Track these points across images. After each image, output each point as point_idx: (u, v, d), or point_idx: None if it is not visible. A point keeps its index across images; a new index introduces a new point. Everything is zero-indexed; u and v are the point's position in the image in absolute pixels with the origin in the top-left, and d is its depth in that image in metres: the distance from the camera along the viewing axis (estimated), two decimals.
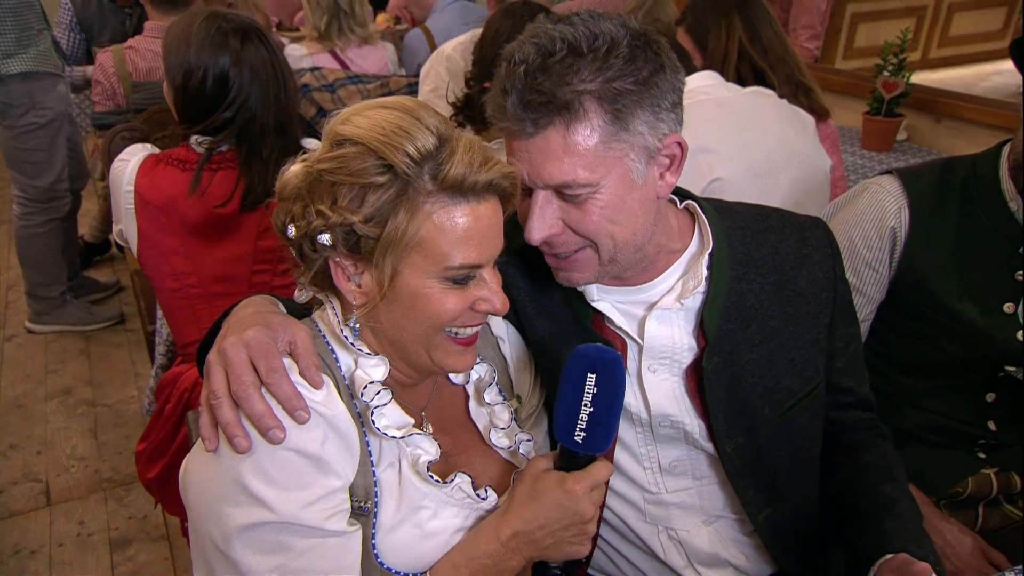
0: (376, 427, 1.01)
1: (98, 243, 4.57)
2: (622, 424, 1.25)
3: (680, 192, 1.28)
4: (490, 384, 1.19)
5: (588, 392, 0.99)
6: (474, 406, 1.19)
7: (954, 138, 3.17)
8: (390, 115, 0.97)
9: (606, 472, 1.04)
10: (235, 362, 0.94)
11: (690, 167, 1.15)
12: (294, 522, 0.93)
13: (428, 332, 1.02)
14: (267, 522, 0.92)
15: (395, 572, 1.03)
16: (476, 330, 1.06)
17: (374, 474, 1.03)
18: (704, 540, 1.30)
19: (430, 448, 1.07)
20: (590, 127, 1.05)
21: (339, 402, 0.98)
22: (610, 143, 1.06)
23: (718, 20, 2.30)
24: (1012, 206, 1.48)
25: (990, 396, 1.56)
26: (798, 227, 1.30)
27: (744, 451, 1.24)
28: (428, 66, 2.94)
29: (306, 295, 1.08)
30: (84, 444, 3.15)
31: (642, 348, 1.22)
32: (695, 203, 1.26)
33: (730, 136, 1.96)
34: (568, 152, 1.05)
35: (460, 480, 1.07)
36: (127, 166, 1.83)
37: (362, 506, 1.01)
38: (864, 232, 1.58)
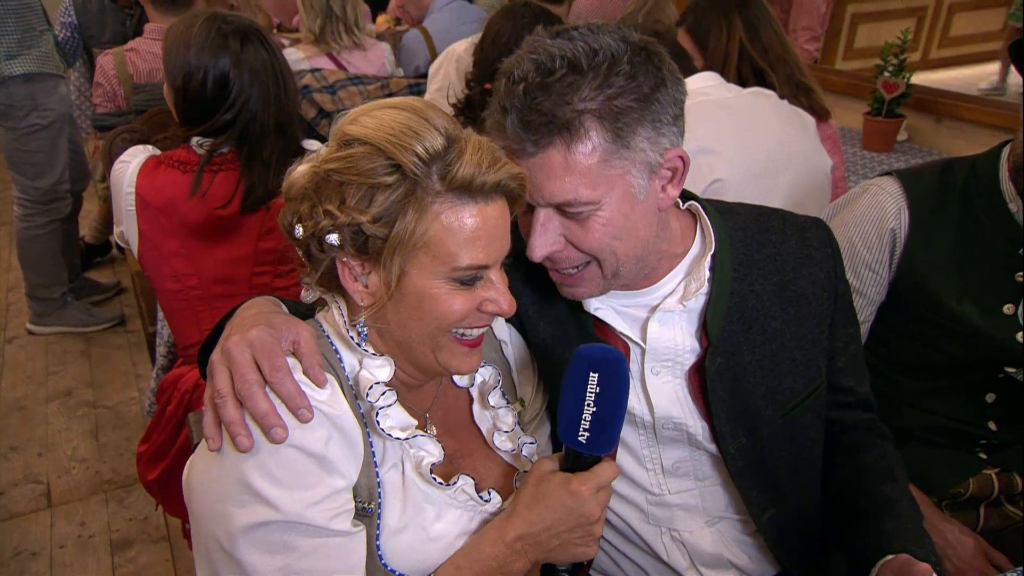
0: (380, 428, 1.01)
1: (99, 244, 4.57)
2: (625, 427, 1.25)
3: (682, 193, 1.27)
4: (494, 387, 1.18)
5: (591, 392, 0.99)
6: (478, 409, 1.19)
7: (955, 138, 3.17)
8: (398, 115, 0.97)
9: (612, 473, 1.03)
10: (239, 361, 0.94)
11: (691, 168, 1.15)
12: (299, 521, 0.93)
13: (435, 333, 1.01)
14: (272, 521, 0.92)
15: (400, 575, 1.03)
16: (482, 332, 1.06)
17: (377, 475, 1.02)
18: (707, 541, 1.30)
19: (434, 450, 1.06)
20: (591, 146, 1.03)
21: (343, 402, 0.98)
22: (611, 161, 1.05)
23: (718, 20, 2.30)
24: (1012, 207, 1.48)
25: (990, 396, 1.56)
26: (799, 228, 1.29)
27: (747, 452, 1.24)
28: (437, 65, 2.92)
29: (313, 295, 1.08)
30: (85, 446, 3.15)
31: (644, 351, 1.22)
32: (697, 204, 1.26)
33: (730, 137, 1.95)
34: (569, 171, 1.04)
35: (463, 482, 1.07)
36: (128, 168, 1.83)
37: (365, 507, 1.01)
38: (864, 233, 1.58)
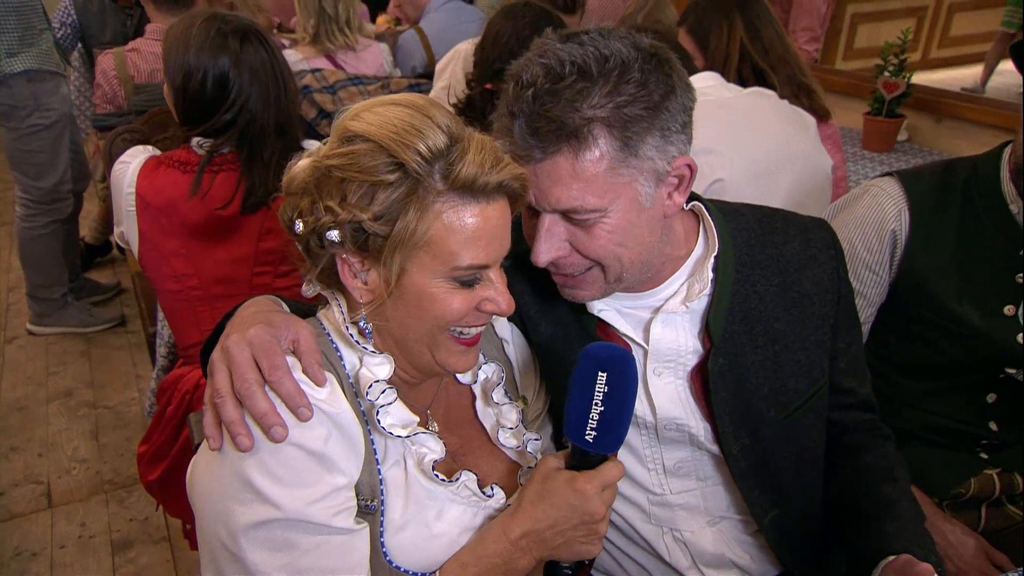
0: (381, 426, 1.01)
1: (99, 245, 4.57)
2: None
3: None
4: (497, 384, 1.18)
5: (599, 391, 0.99)
6: (481, 406, 1.19)
7: (955, 138, 3.17)
8: (401, 112, 0.96)
9: (617, 472, 1.03)
10: (238, 360, 0.94)
11: None
12: (300, 519, 0.93)
13: (433, 331, 1.01)
14: (273, 519, 0.92)
15: (404, 571, 1.03)
16: (479, 330, 1.06)
17: (379, 472, 1.02)
18: (708, 541, 1.30)
19: (435, 447, 1.06)
20: (599, 153, 1.03)
21: (343, 400, 0.98)
22: (619, 169, 1.04)
23: (719, 20, 2.29)
24: (1013, 208, 1.48)
25: (991, 397, 1.56)
26: (802, 229, 1.29)
27: (750, 452, 1.24)
28: (444, 63, 2.91)
29: (313, 289, 1.08)
30: (85, 446, 3.15)
31: (647, 352, 1.22)
32: (701, 205, 1.26)
33: (731, 137, 1.95)
34: (576, 178, 1.04)
35: (466, 478, 1.07)
36: (128, 168, 1.83)
37: (368, 504, 1.01)
38: (864, 235, 1.58)
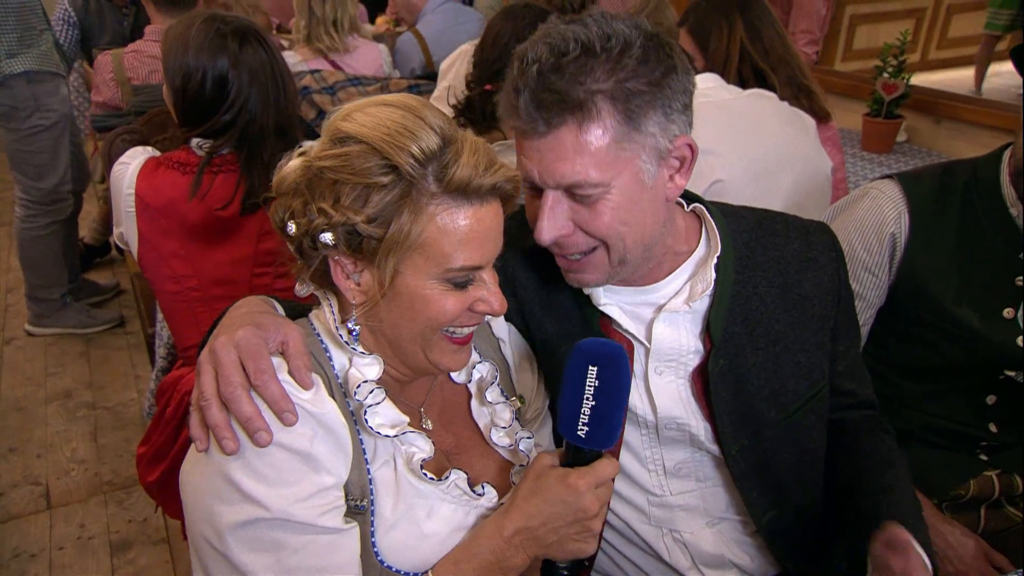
0: (369, 425, 1.01)
1: (98, 246, 4.57)
2: (627, 427, 1.25)
3: (687, 195, 1.28)
4: (492, 383, 1.19)
5: (590, 386, 0.98)
6: (476, 405, 1.19)
7: (954, 139, 3.17)
8: (394, 113, 0.96)
9: (611, 469, 1.02)
10: (224, 363, 0.94)
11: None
12: (287, 519, 0.93)
13: (425, 332, 1.01)
14: (260, 519, 0.92)
15: (396, 571, 1.03)
16: (472, 330, 1.06)
17: (368, 472, 1.02)
18: (708, 541, 1.30)
19: (424, 446, 1.06)
20: (603, 127, 1.05)
21: (328, 400, 0.98)
22: (622, 143, 1.06)
23: (719, 21, 2.29)
24: (1013, 211, 1.48)
25: (990, 399, 1.56)
26: (803, 231, 1.30)
27: (749, 453, 1.24)
28: (448, 62, 2.90)
29: (306, 289, 1.08)
30: (84, 447, 3.15)
31: (649, 350, 1.22)
32: (702, 207, 1.27)
33: (731, 138, 1.95)
34: (580, 152, 1.05)
35: (455, 477, 1.07)
36: (128, 169, 1.82)
37: (358, 504, 1.01)
38: (864, 237, 1.58)
